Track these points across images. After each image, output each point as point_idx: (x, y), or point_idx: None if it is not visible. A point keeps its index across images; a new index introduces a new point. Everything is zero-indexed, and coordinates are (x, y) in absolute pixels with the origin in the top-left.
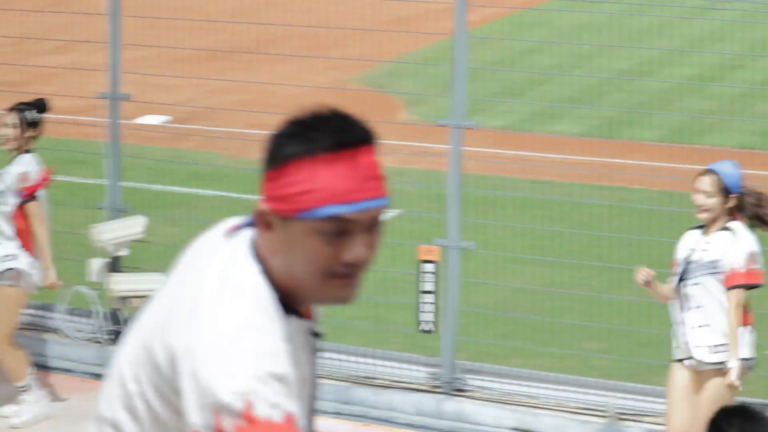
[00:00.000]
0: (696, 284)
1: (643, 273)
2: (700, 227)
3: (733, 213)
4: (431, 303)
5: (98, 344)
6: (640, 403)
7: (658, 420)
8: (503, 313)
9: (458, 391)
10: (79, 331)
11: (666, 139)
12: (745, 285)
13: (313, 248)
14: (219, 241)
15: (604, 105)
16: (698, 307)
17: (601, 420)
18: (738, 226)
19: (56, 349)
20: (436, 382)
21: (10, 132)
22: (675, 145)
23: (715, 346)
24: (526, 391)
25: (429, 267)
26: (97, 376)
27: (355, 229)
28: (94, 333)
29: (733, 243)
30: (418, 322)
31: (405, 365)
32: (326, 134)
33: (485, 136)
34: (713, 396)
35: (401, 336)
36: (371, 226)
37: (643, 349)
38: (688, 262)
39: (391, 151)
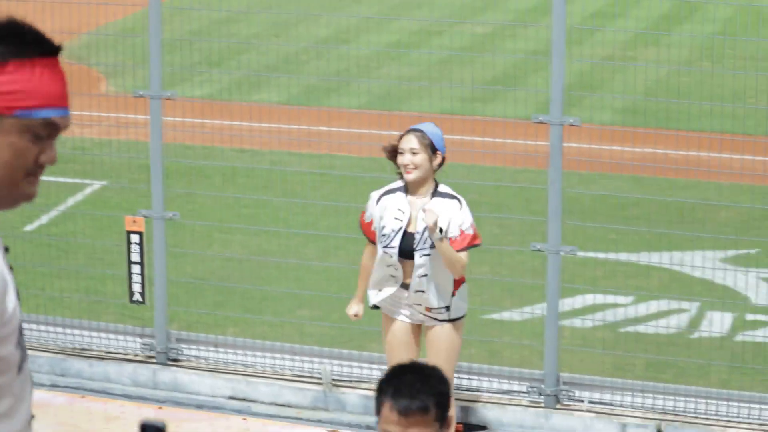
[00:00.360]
0: (426, 255)
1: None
2: (392, 191)
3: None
4: (139, 274)
5: None
6: (356, 369)
7: (374, 386)
8: (215, 282)
9: (173, 361)
10: None
11: (368, 106)
12: (474, 245)
13: (22, 147)
14: None
15: (305, 73)
16: (425, 275)
17: (316, 387)
18: (451, 190)
19: None
20: (151, 353)
21: None
22: (377, 112)
23: (435, 309)
24: (241, 360)
25: (135, 238)
26: None
27: (54, 133)
28: None
29: (459, 207)
30: (130, 293)
31: (120, 336)
32: (38, 40)
33: (188, 106)
34: (448, 347)
35: (114, 307)
36: (57, 133)
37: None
38: (413, 233)
39: (94, 123)
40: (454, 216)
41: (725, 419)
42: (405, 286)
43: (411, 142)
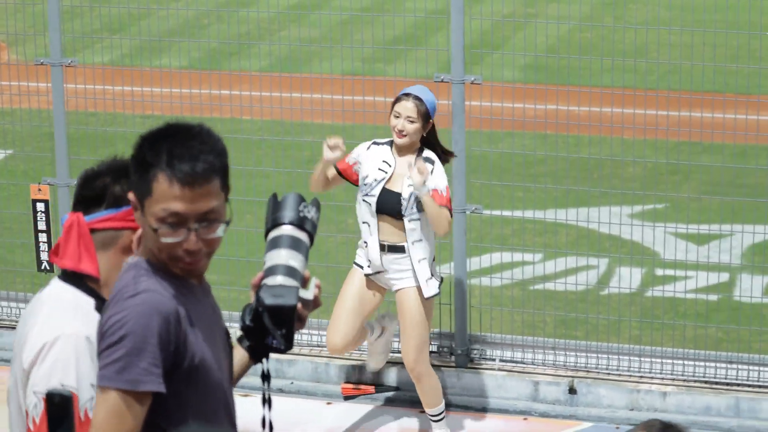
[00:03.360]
0: (417, 220)
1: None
2: (379, 143)
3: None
4: (46, 242)
5: None
6: None
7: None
8: None
9: None
10: None
11: (270, 69)
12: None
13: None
14: None
15: (206, 37)
16: (419, 240)
17: None
18: (432, 155)
19: None
20: None
21: None
22: (280, 75)
23: (432, 277)
24: None
25: (41, 206)
26: None
27: None
28: None
29: (435, 170)
30: (38, 262)
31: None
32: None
33: (89, 73)
34: (421, 318)
35: (24, 276)
36: None
37: None
38: (395, 192)
39: None
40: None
41: (637, 375)
42: (382, 247)
43: (409, 109)
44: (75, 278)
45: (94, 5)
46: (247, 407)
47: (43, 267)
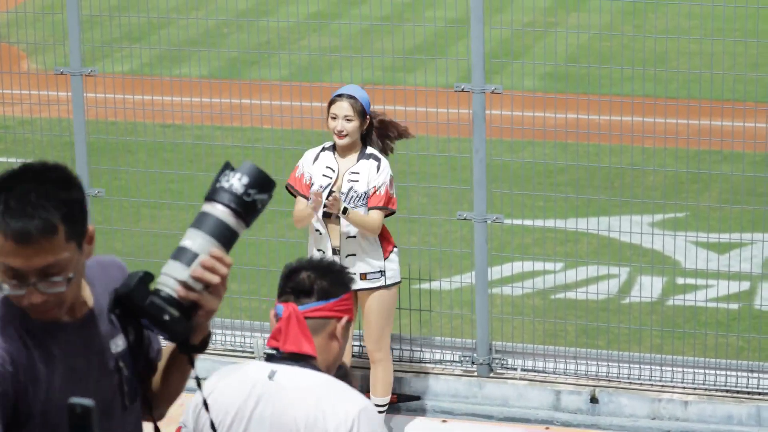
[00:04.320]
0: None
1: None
2: (324, 149)
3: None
4: None
5: None
6: None
7: None
8: (144, 258)
9: None
10: None
11: (291, 78)
12: (386, 209)
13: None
14: None
15: (226, 46)
16: (353, 237)
17: (249, 361)
18: (376, 152)
19: None
20: None
21: None
22: (300, 84)
23: (370, 273)
24: None
25: None
26: None
27: None
28: None
29: (377, 169)
30: None
31: None
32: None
33: (109, 82)
34: (380, 308)
35: None
36: None
37: None
38: (340, 194)
39: (17, 102)
40: (370, 177)
41: (659, 384)
42: (335, 251)
43: (345, 109)
44: (300, 359)
45: (113, 14)
46: None
47: None
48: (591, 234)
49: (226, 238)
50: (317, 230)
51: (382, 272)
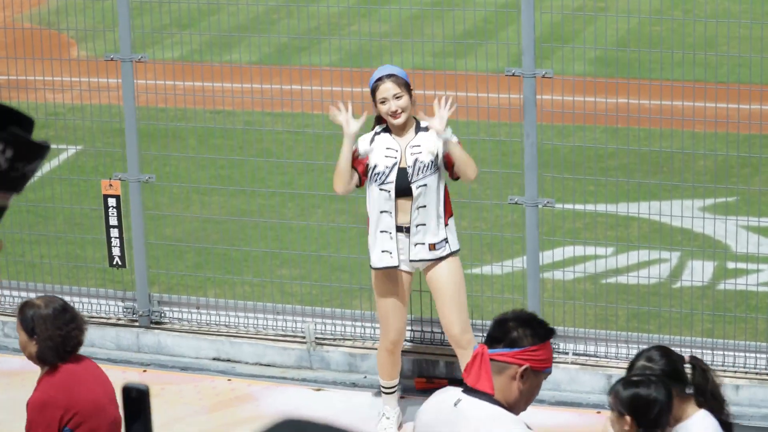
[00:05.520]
0: (423, 185)
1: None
2: (377, 133)
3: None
4: (118, 237)
5: None
6: (339, 327)
7: (357, 343)
8: (194, 244)
9: (156, 324)
10: None
11: (340, 64)
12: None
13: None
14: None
15: (276, 32)
16: (423, 206)
17: (300, 346)
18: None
19: None
20: (133, 316)
21: None
22: (350, 69)
23: (438, 243)
24: (224, 321)
25: (112, 201)
26: None
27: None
28: None
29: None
30: (110, 257)
31: (102, 300)
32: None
33: (159, 68)
34: (453, 280)
35: (95, 272)
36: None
37: (337, 273)
38: (404, 168)
39: (67, 89)
40: (432, 144)
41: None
42: (400, 229)
43: (391, 88)
44: (479, 393)
45: (163, 0)
46: (319, 402)
47: (114, 262)
48: (641, 218)
49: None
50: (384, 211)
51: (446, 240)
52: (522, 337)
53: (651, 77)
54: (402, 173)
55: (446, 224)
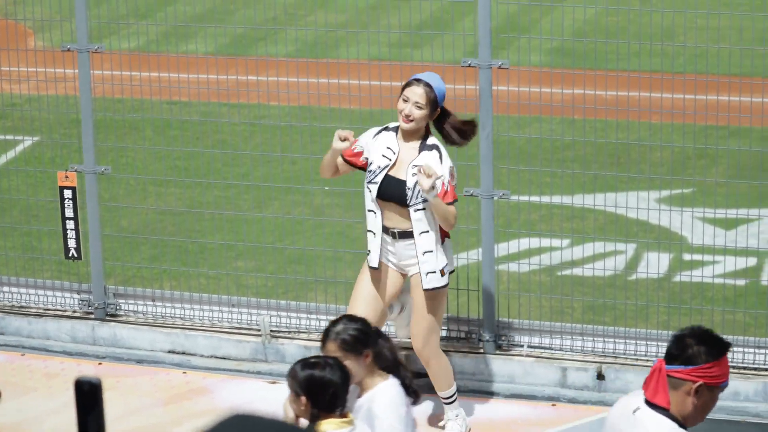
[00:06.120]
0: (422, 210)
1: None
2: (388, 128)
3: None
4: (73, 229)
5: None
6: (294, 320)
7: (312, 336)
8: (150, 236)
9: (111, 316)
10: None
11: (297, 55)
12: (454, 202)
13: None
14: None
15: (233, 23)
16: (426, 231)
17: (255, 338)
18: (437, 141)
19: None
20: (89, 309)
21: None
22: (308, 60)
23: (442, 269)
24: (179, 314)
25: (68, 193)
26: None
27: None
28: None
29: (439, 159)
30: (66, 249)
31: (58, 293)
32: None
33: (116, 59)
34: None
35: (51, 263)
36: None
37: (293, 265)
38: (399, 180)
39: (23, 79)
40: (436, 169)
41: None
42: (386, 230)
43: (418, 95)
44: (656, 406)
45: None
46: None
47: (70, 254)
48: (597, 210)
49: None
50: (370, 210)
51: (448, 263)
52: (697, 355)
53: (608, 68)
54: (390, 180)
55: (443, 243)
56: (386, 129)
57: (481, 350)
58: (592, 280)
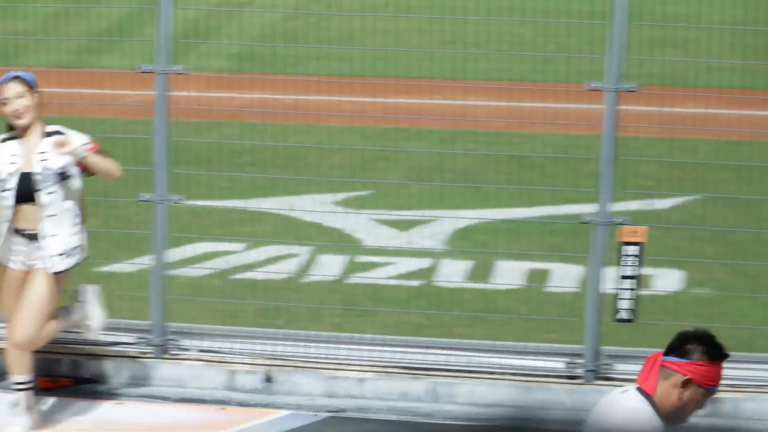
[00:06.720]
0: (51, 193)
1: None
2: (3, 140)
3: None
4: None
5: None
6: None
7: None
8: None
9: None
10: None
11: None
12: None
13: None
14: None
15: None
16: (53, 215)
17: None
18: (60, 127)
19: None
20: None
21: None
22: None
23: (68, 251)
24: None
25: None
26: None
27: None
28: None
29: (67, 132)
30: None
31: None
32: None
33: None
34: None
35: None
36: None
37: None
38: (30, 173)
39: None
40: (72, 139)
41: (335, 362)
42: (18, 232)
43: (14, 88)
44: (641, 391)
45: None
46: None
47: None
48: (274, 214)
49: None
50: (7, 220)
51: (81, 246)
52: (693, 351)
53: (289, 72)
54: (26, 179)
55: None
56: (4, 141)
57: (151, 355)
58: (265, 283)
